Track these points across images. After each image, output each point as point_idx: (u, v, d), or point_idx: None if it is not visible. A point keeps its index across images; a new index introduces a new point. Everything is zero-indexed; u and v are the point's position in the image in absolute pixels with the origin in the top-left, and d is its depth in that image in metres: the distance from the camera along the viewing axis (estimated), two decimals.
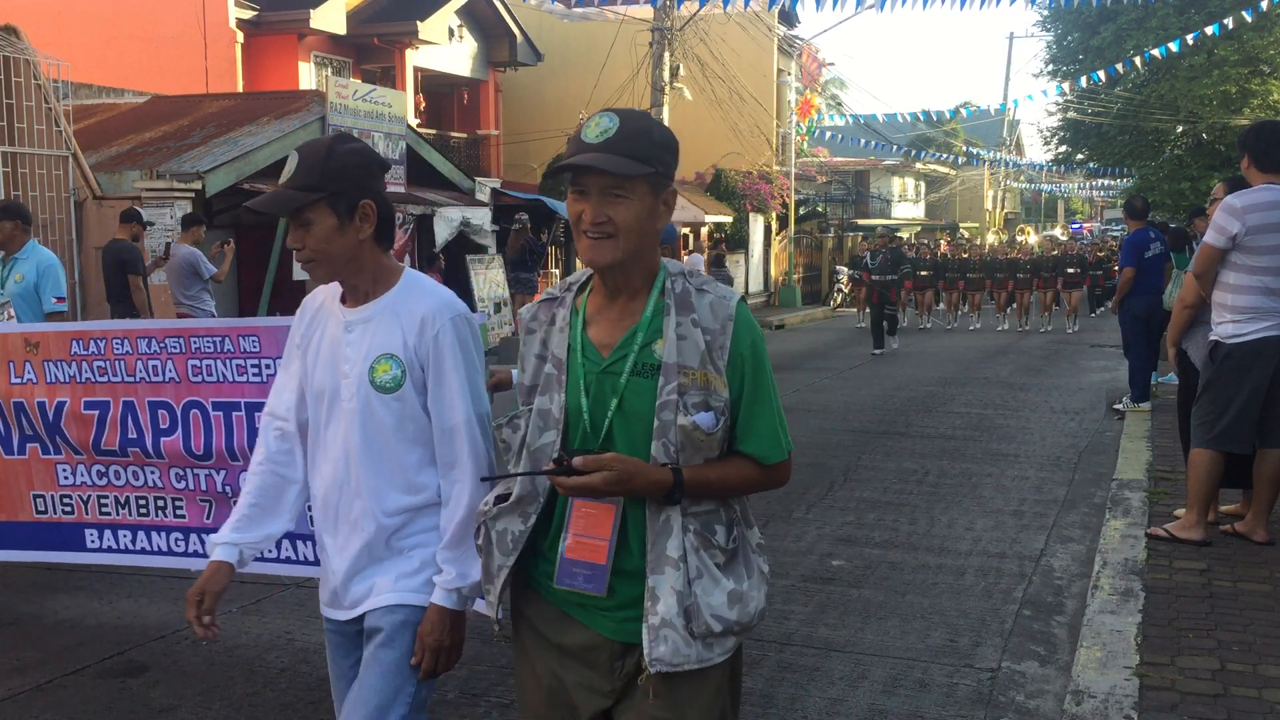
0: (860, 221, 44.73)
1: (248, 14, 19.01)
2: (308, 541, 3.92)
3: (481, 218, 17.18)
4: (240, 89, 18.53)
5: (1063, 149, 33.62)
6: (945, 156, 45.12)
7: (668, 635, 2.09)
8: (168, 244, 11.09)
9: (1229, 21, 21.92)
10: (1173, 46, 22.97)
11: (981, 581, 5.62)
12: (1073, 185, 56.83)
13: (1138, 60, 24.46)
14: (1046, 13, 29.68)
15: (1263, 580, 5.05)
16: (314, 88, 18.91)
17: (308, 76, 20.01)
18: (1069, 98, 30.44)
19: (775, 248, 31.60)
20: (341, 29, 20.06)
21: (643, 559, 2.13)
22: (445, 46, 22.47)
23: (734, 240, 28.87)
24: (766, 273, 31.76)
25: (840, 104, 42.57)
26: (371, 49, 21.34)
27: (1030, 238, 39.46)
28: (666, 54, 20.27)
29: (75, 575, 5.80)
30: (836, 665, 4.49)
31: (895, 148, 42.77)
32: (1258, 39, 25.69)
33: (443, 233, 15.90)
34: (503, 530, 2.25)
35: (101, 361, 4.21)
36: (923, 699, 4.16)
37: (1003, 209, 56.83)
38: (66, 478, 4.35)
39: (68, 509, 4.37)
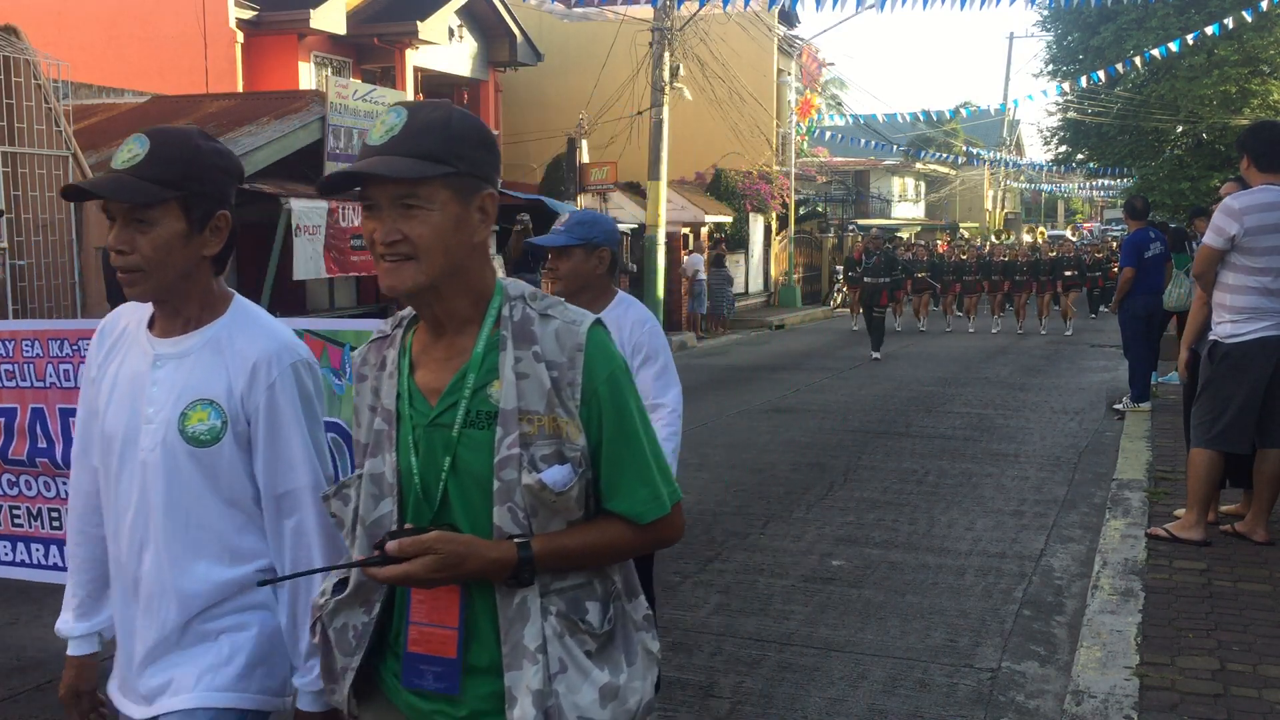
0: (860, 221, 44.75)
1: (248, 14, 19.00)
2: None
3: None
4: (240, 89, 18.52)
5: (1063, 149, 33.60)
6: (945, 156, 45.12)
7: None
8: None
9: (1229, 21, 21.93)
10: (1173, 46, 22.97)
11: (981, 581, 5.62)
12: (1073, 185, 56.81)
13: (1138, 60, 24.46)
14: (1046, 13, 29.67)
15: (1263, 580, 5.05)
16: (314, 88, 18.90)
17: (308, 76, 20.01)
18: (1069, 98, 30.43)
19: (775, 248, 31.60)
20: (341, 29, 20.05)
21: (498, 651, 1.77)
22: (445, 46, 22.46)
23: (734, 240, 28.87)
24: (766, 273, 31.76)
25: (840, 104, 42.58)
26: (371, 49, 21.34)
27: (1040, 238, 39.10)
28: (666, 54, 20.26)
29: None
30: (836, 665, 4.49)
31: (895, 148, 42.78)
32: (1258, 39, 25.68)
33: None
34: (343, 626, 1.88)
35: (9, 365, 3.85)
36: (923, 699, 4.16)
37: (1003, 209, 56.81)
38: None
39: None
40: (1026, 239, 35.69)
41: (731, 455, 9.07)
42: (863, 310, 18.36)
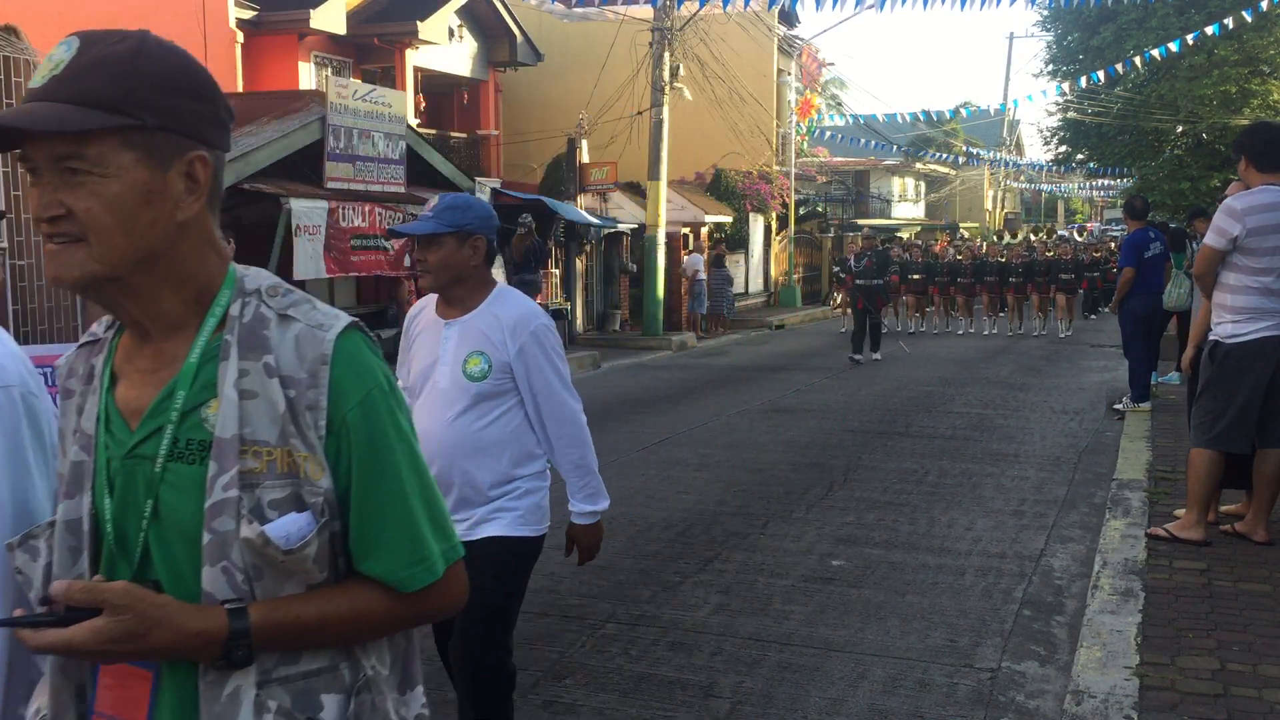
0: (860, 221, 44.78)
1: (248, 14, 19.00)
2: None
3: None
4: (240, 89, 18.52)
5: (1063, 149, 33.62)
6: (945, 156, 45.12)
7: None
8: None
9: (1229, 21, 21.92)
10: (1173, 46, 22.97)
11: (981, 581, 5.62)
12: (1073, 185, 56.80)
13: (1138, 60, 24.46)
14: (1046, 13, 29.68)
15: (1263, 580, 5.05)
16: (314, 88, 18.90)
17: (308, 76, 20.01)
18: (1069, 98, 30.43)
19: (775, 248, 31.62)
20: (341, 29, 20.05)
21: None
22: (445, 46, 22.46)
23: (734, 240, 28.88)
24: (766, 273, 31.77)
25: (840, 104, 42.59)
26: (371, 49, 21.34)
27: (1049, 237, 38.74)
28: (666, 54, 20.26)
29: None
30: (836, 665, 4.49)
31: (895, 148, 42.77)
32: (1258, 39, 25.69)
33: None
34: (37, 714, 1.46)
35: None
36: (923, 699, 4.16)
37: (1003, 209, 56.81)
38: None
39: None
40: (1033, 239, 35.46)
41: (731, 455, 9.07)
42: (853, 313, 17.54)
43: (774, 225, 31.49)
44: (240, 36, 19.00)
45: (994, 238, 42.88)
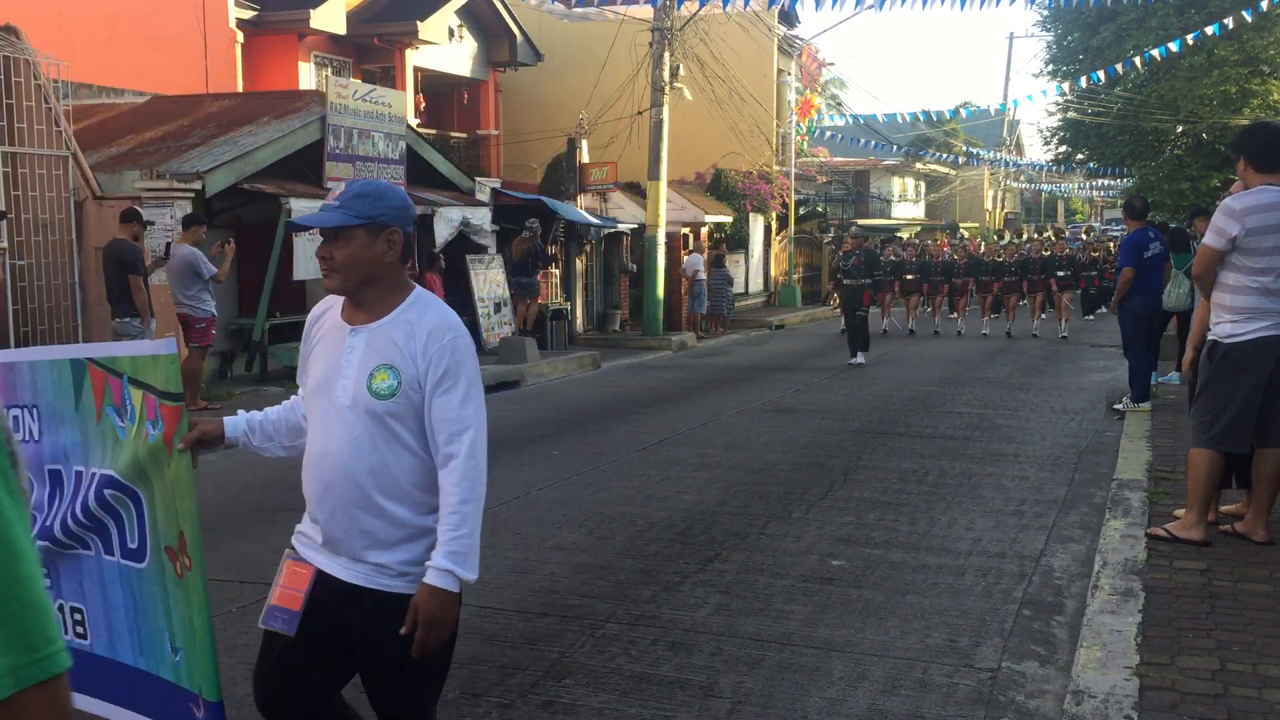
0: (860, 221, 44.76)
1: (248, 14, 19.00)
2: None
3: (481, 218, 17.19)
4: (240, 89, 18.52)
5: (1063, 149, 33.62)
6: (945, 156, 45.13)
7: None
8: (168, 244, 11.09)
9: (1229, 21, 21.93)
10: (1173, 46, 22.98)
11: (981, 581, 5.62)
12: (1073, 185, 56.80)
13: (1138, 60, 24.46)
14: (1046, 13, 29.68)
15: (1263, 580, 5.05)
16: (314, 88, 18.91)
17: (308, 76, 20.01)
18: (1069, 98, 30.44)
19: (775, 248, 31.63)
20: (341, 29, 20.05)
21: None
22: (445, 46, 22.47)
23: (734, 240, 28.88)
24: (766, 273, 31.78)
25: (840, 104, 42.60)
26: (371, 49, 21.34)
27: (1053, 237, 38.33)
28: (666, 54, 20.26)
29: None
30: (836, 665, 4.49)
31: (895, 148, 42.80)
32: (1258, 39, 25.69)
33: (443, 233, 15.91)
34: None
35: None
36: (923, 699, 4.16)
37: (1003, 209, 56.82)
38: None
39: None
40: (1037, 237, 35.27)
41: (731, 455, 9.07)
42: (843, 313, 17.02)
43: (774, 225, 31.50)
44: (240, 36, 19.01)
45: (994, 237, 42.88)
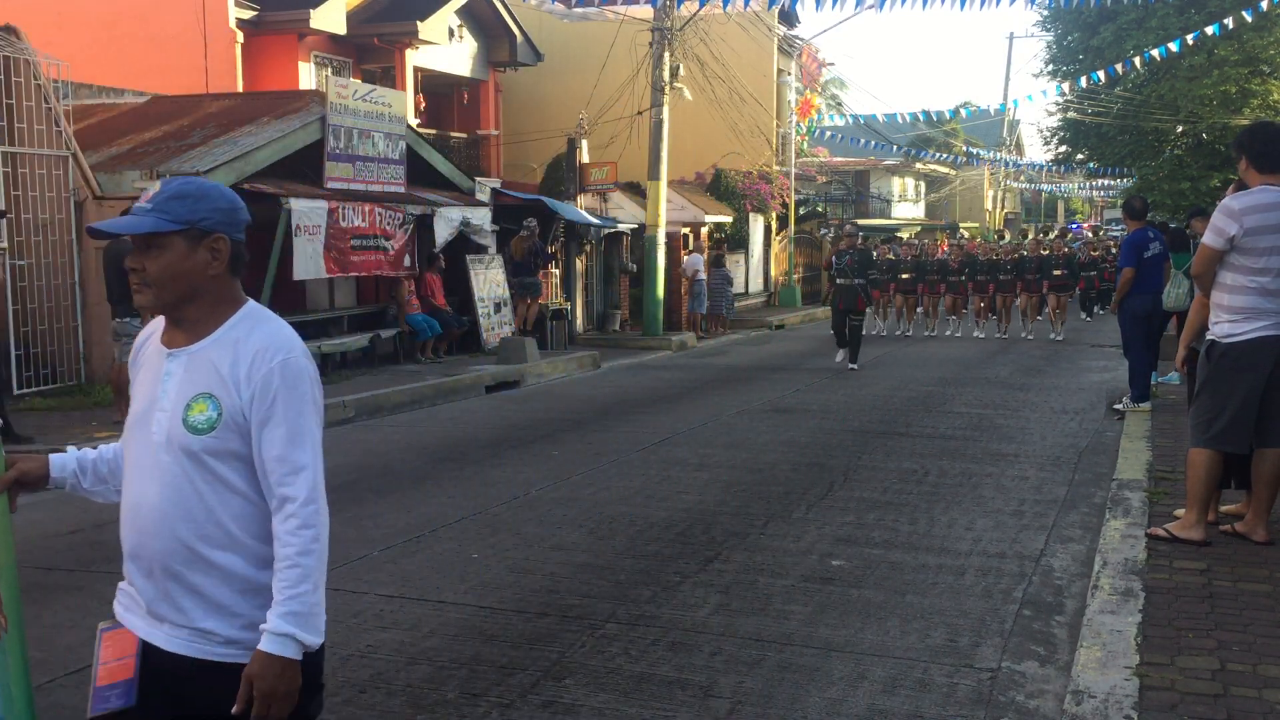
0: (860, 221, 44.75)
1: (248, 14, 19.01)
2: None
3: (481, 218, 17.19)
4: (240, 89, 18.52)
5: (1063, 149, 33.63)
6: (945, 156, 45.13)
7: None
8: None
9: (1229, 21, 21.93)
10: (1173, 46, 22.98)
11: (981, 581, 5.62)
12: (1073, 185, 56.80)
13: (1138, 60, 24.46)
14: (1046, 13, 29.69)
15: (1263, 580, 5.05)
16: (314, 88, 18.91)
17: (308, 76, 20.02)
18: (1069, 98, 30.45)
19: (775, 248, 31.63)
20: (341, 29, 20.06)
21: None
22: (445, 46, 22.47)
23: (734, 240, 28.89)
24: (766, 273, 31.79)
25: (840, 104, 42.61)
26: (371, 49, 21.35)
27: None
28: (666, 54, 20.26)
29: (76, 575, 5.81)
30: (836, 665, 4.49)
31: (895, 148, 42.80)
32: (1258, 39, 25.69)
33: (443, 233, 15.91)
34: None
35: None
36: (923, 699, 4.16)
37: (1003, 209, 56.81)
38: None
39: None
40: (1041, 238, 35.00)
41: (731, 455, 9.07)
42: (832, 314, 16.09)
43: (774, 225, 31.51)
44: (240, 36, 19.01)
45: (994, 237, 42.86)
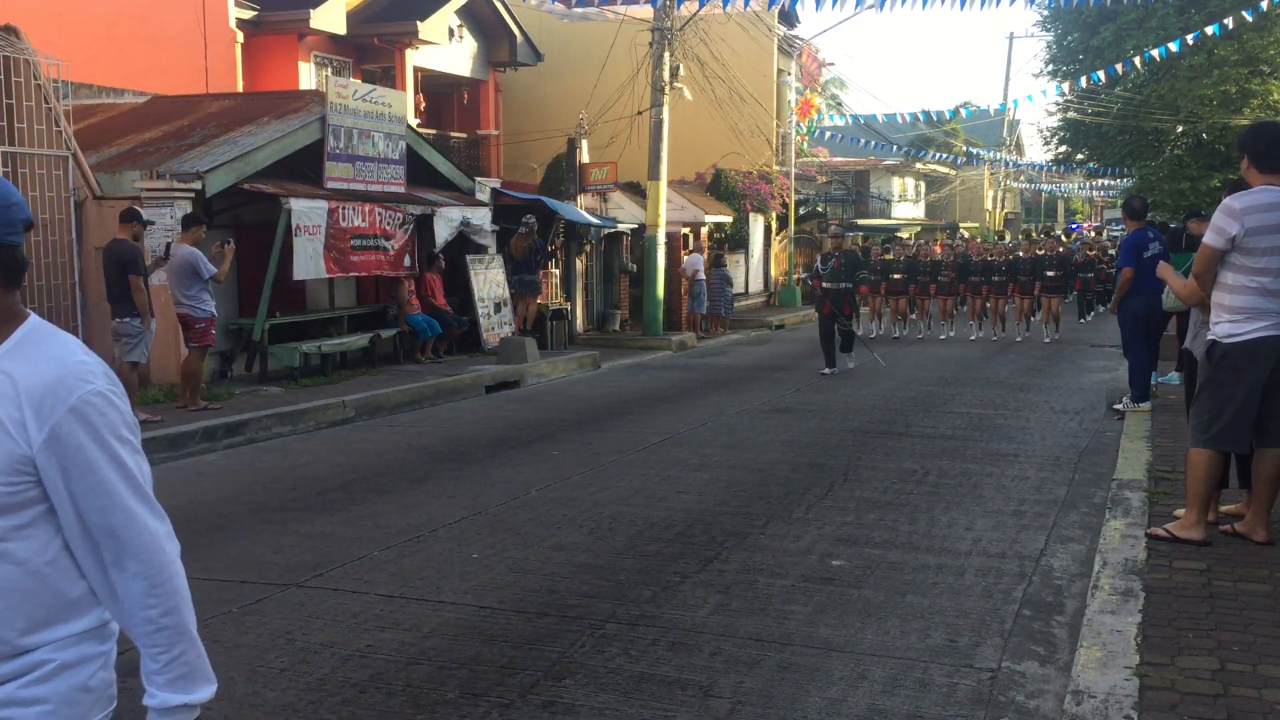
0: (860, 221, 44.78)
1: (248, 14, 19.01)
2: None
3: (481, 218, 17.19)
4: (240, 89, 18.53)
5: (1063, 149, 33.65)
6: (945, 156, 45.13)
7: None
8: (168, 244, 11.09)
9: (1229, 21, 21.94)
10: (1173, 46, 23.00)
11: (981, 581, 5.62)
12: (1073, 185, 56.81)
13: (1138, 60, 24.48)
14: (1046, 13, 29.72)
15: (1263, 580, 5.05)
16: (314, 88, 18.91)
17: (308, 76, 20.02)
18: (1069, 98, 30.47)
19: (775, 248, 31.63)
20: (341, 29, 20.06)
21: None
22: (445, 46, 22.48)
23: (734, 240, 28.89)
24: (766, 273, 31.79)
25: (840, 104, 42.62)
26: (371, 49, 21.35)
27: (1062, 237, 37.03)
28: (666, 54, 20.26)
29: None
30: (836, 665, 4.49)
31: (895, 148, 42.80)
32: (1258, 39, 25.71)
33: (443, 233, 15.91)
34: None
35: None
36: (923, 699, 4.16)
37: (1003, 209, 56.81)
38: None
39: None
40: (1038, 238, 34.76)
41: (731, 455, 9.07)
42: (819, 318, 15.71)
43: (774, 225, 31.51)
44: (240, 36, 19.01)
45: (994, 237, 42.85)
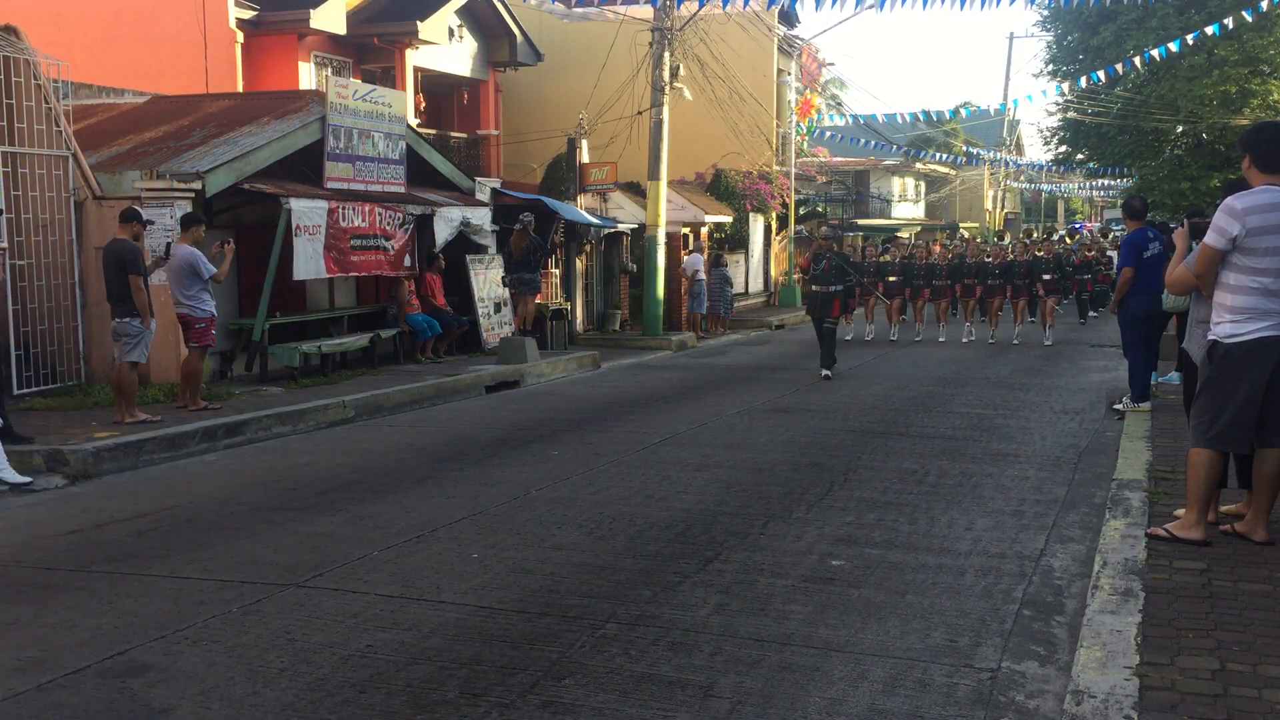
0: (860, 221, 44.78)
1: (248, 14, 19.01)
2: None
3: (481, 218, 17.19)
4: (240, 89, 18.53)
5: (1063, 149, 33.65)
6: (945, 156, 45.14)
7: None
8: (168, 244, 11.09)
9: (1229, 21, 21.95)
10: (1173, 46, 23.00)
11: (981, 581, 5.62)
12: (1073, 185, 56.81)
13: (1138, 60, 24.48)
14: (1046, 13, 29.74)
15: (1263, 580, 5.04)
16: (314, 88, 18.92)
17: (308, 76, 20.02)
18: (1069, 98, 30.47)
19: (775, 248, 31.63)
20: (341, 29, 20.07)
21: None
22: (445, 46, 22.48)
23: (734, 240, 28.89)
24: (766, 273, 31.78)
25: (840, 104, 42.60)
26: (371, 49, 21.35)
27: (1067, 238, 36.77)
28: (666, 54, 20.26)
29: (75, 575, 5.81)
30: (836, 665, 4.49)
31: (895, 148, 42.80)
32: (1258, 39, 25.72)
33: (443, 233, 15.90)
34: None
35: None
36: (923, 699, 4.16)
37: (1003, 209, 56.81)
38: None
39: None
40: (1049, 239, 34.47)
41: (731, 455, 9.07)
42: (813, 322, 15.54)
43: (774, 225, 31.50)
44: (240, 36, 19.02)
45: (994, 238, 42.82)
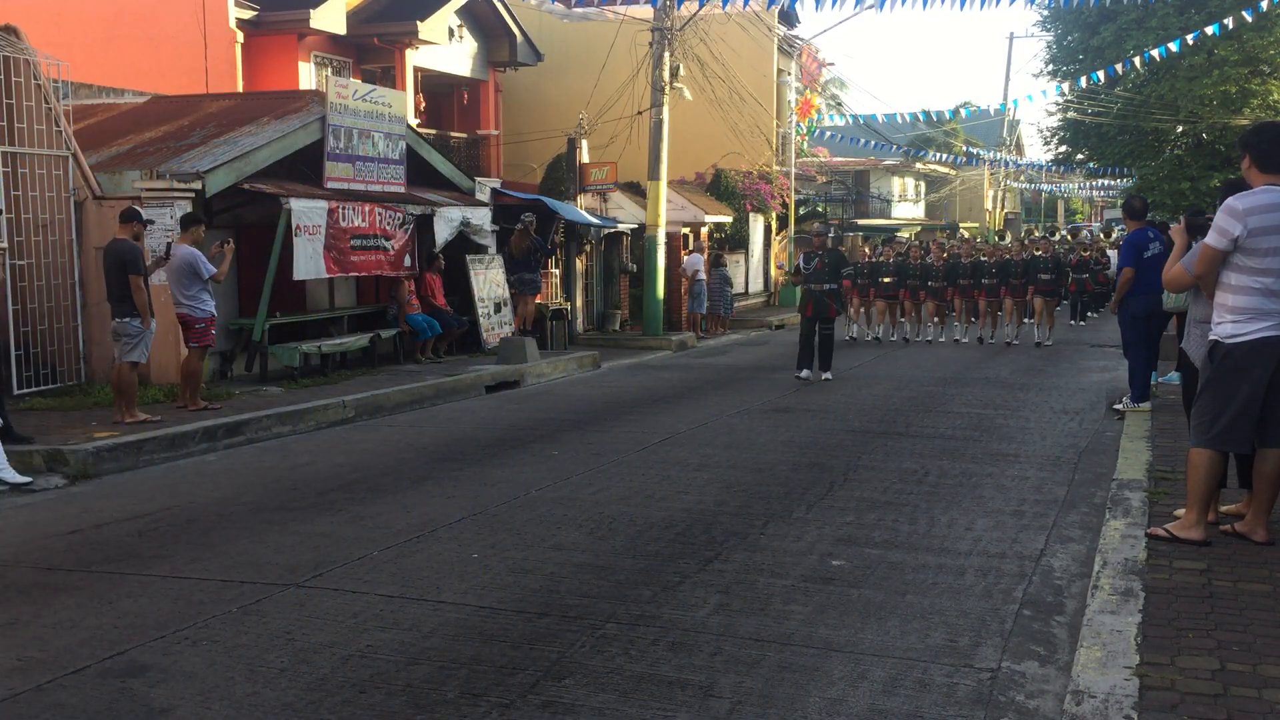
0: (860, 221, 44.78)
1: (248, 14, 19.01)
2: None
3: (481, 218, 17.19)
4: (240, 89, 18.53)
5: (1063, 149, 33.64)
6: (945, 156, 45.14)
7: None
8: (168, 244, 11.09)
9: (1229, 21, 21.95)
10: (1173, 46, 23.00)
11: (981, 581, 5.62)
12: (1073, 185, 56.80)
13: (1138, 60, 24.48)
14: (1046, 13, 29.72)
15: (1263, 580, 5.04)
16: (314, 88, 18.92)
17: (308, 76, 20.02)
18: (1069, 98, 30.47)
19: (775, 248, 31.62)
20: (341, 29, 20.07)
21: None
22: (445, 46, 22.48)
23: (734, 240, 28.89)
24: (766, 273, 31.78)
25: (840, 104, 42.60)
26: (371, 49, 21.35)
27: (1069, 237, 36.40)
28: (666, 54, 20.26)
29: (75, 575, 5.81)
30: (836, 665, 4.49)
31: (895, 148, 42.80)
32: (1258, 39, 25.71)
33: (443, 233, 15.90)
34: None
35: None
36: (923, 699, 4.16)
37: (1003, 209, 56.81)
38: None
39: None
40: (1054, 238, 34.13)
41: (731, 455, 9.07)
42: (801, 321, 15.05)
43: (774, 225, 31.50)
44: (240, 36, 19.02)
45: (994, 237, 42.82)
